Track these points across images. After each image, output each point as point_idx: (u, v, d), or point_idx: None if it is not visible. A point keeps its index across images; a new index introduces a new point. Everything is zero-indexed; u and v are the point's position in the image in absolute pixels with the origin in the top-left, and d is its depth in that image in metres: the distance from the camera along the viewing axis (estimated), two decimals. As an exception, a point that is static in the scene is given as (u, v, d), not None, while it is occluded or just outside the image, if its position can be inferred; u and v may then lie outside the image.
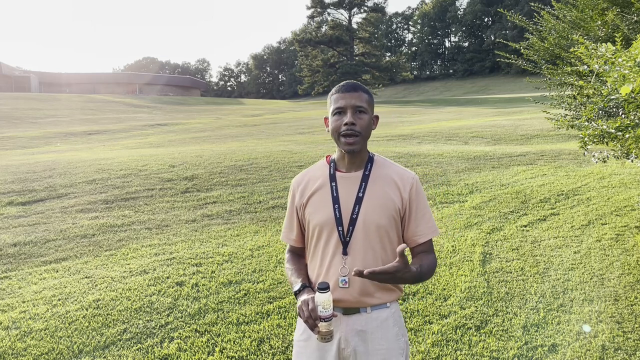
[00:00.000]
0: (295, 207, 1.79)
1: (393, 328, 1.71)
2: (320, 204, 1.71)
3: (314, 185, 1.74)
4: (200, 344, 3.12)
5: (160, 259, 4.54)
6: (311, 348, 1.71)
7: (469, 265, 4.31)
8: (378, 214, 1.66)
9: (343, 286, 1.66)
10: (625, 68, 2.66)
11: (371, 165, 1.72)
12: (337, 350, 1.68)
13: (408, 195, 1.69)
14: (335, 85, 1.72)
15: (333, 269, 1.68)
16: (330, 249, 1.68)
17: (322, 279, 1.69)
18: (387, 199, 1.67)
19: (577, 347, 3.06)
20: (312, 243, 1.74)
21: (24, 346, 3.09)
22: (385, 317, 1.70)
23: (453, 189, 7.04)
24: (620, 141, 3.76)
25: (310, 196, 1.73)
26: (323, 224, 1.69)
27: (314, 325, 1.52)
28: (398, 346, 1.71)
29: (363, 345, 1.67)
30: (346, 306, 1.68)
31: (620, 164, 7.78)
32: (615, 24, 5.12)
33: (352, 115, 1.63)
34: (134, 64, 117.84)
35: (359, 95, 1.65)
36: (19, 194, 6.97)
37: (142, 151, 11.69)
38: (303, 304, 1.55)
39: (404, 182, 1.69)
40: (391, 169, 1.73)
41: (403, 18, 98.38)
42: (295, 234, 1.82)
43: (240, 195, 6.82)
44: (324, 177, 1.74)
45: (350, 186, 1.69)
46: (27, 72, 53.58)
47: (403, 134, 14.22)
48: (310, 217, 1.72)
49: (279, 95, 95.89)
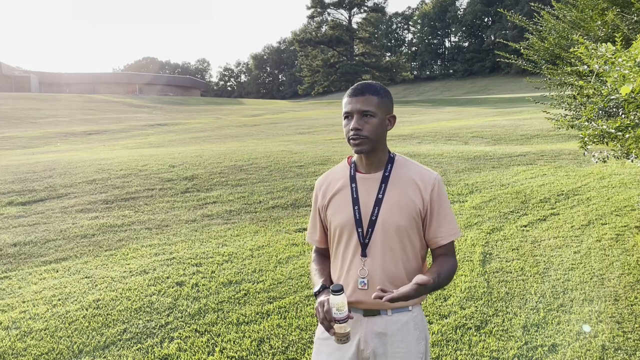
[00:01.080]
0: (317, 208, 1.80)
1: (414, 332, 1.69)
2: (341, 205, 1.71)
3: (335, 187, 1.74)
4: (200, 344, 3.12)
5: (160, 259, 4.54)
6: (331, 347, 1.71)
7: (469, 265, 4.31)
8: (397, 216, 1.64)
9: (362, 288, 1.65)
10: (625, 68, 2.66)
11: (391, 166, 1.70)
12: (357, 351, 1.68)
13: (429, 196, 1.66)
14: (342, 85, 1.71)
15: (353, 270, 1.67)
16: (350, 251, 1.68)
17: (342, 280, 1.69)
18: (407, 200, 1.65)
19: (577, 347, 3.06)
20: (334, 244, 1.75)
21: (24, 346, 3.09)
22: (406, 320, 1.69)
23: (453, 189, 7.04)
24: (620, 141, 3.76)
25: (331, 197, 1.74)
26: (343, 225, 1.69)
27: (329, 327, 1.53)
28: (418, 350, 1.69)
29: (382, 348, 1.67)
30: (366, 308, 1.67)
31: (620, 164, 7.78)
32: (615, 24, 5.12)
33: (358, 120, 1.61)
34: (134, 64, 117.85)
35: (366, 99, 1.62)
36: (19, 194, 6.97)
37: (142, 151, 11.69)
38: (319, 305, 1.56)
39: (425, 182, 1.66)
40: (412, 170, 1.70)
41: (403, 18, 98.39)
42: (318, 235, 1.83)
43: (240, 195, 6.82)
44: (344, 178, 1.74)
45: (370, 187, 1.68)
46: (27, 72, 53.56)
47: (403, 134, 14.22)
48: (332, 219, 1.73)
49: (279, 95, 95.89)
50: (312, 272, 1.81)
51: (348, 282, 1.67)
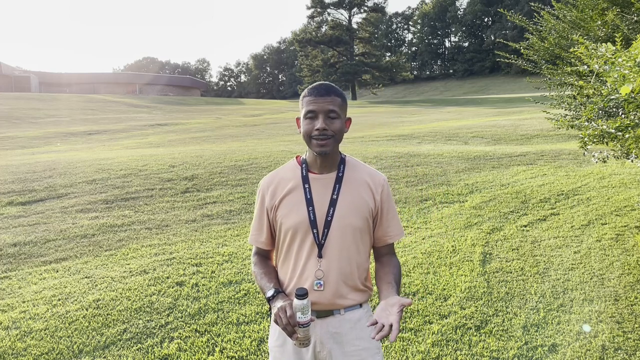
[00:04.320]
0: (265, 208, 1.74)
1: (367, 328, 1.68)
2: (294, 206, 1.68)
3: (286, 187, 1.70)
4: (200, 344, 3.12)
5: (160, 259, 4.54)
6: (288, 353, 1.70)
7: (469, 265, 4.31)
8: (352, 216, 1.66)
9: (318, 289, 1.65)
10: (625, 68, 2.66)
11: (344, 167, 1.71)
12: (313, 353, 1.68)
13: (380, 196, 1.71)
14: (308, 87, 1.71)
15: (307, 271, 1.66)
16: (304, 252, 1.67)
17: (296, 282, 1.67)
18: (361, 201, 1.68)
19: (577, 347, 3.06)
20: (285, 246, 1.71)
21: (24, 346, 3.09)
22: (358, 317, 1.71)
23: (453, 189, 7.04)
24: (620, 141, 3.76)
25: (282, 198, 1.70)
26: (297, 226, 1.66)
27: (292, 332, 1.48)
28: (374, 345, 1.71)
29: (338, 347, 1.68)
30: (320, 309, 1.67)
31: (620, 164, 7.78)
32: (615, 24, 5.12)
33: (324, 120, 1.61)
34: (134, 64, 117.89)
35: (332, 100, 1.62)
36: (19, 194, 6.97)
37: (142, 151, 11.69)
38: (280, 310, 1.50)
39: (376, 183, 1.72)
40: (363, 171, 1.74)
41: (403, 18, 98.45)
42: (265, 236, 1.76)
43: (240, 195, 6.82)
44: (296, 178, 1.71)
45: (324, 188, 1.68)
46: (27, 72, 53.54)
47: (403, 134, 14.22)
48: (283, 220, 1.68)
49: (279, 95, 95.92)
50: (257, 276, 1.74)
51: (302, 283, 1.66)
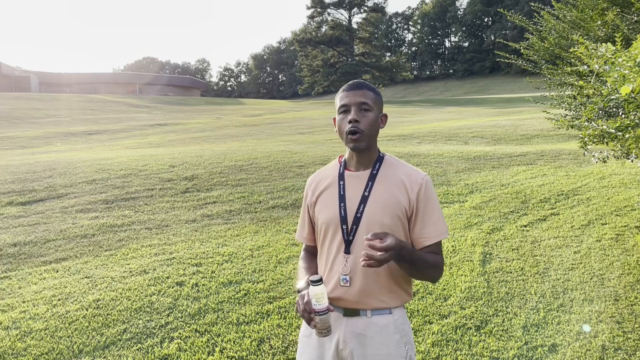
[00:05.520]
0: (307, 205, 1.82)
1: (394, 335, 1.66)
2: (328, 202, 1.72)
3: (324, 184, 1.76)
4: (200, 344, 3.12)
5: (160, 259, 4.54)
6: (312, 345, 1.72)
7: (469, 265, 4.31)
8: (382, 214, 1.64)
9: (344, 285, 1.65)
10: (625, 68, 2.66)
11: (380, 165, 1.71)
12: (336, 349, 1.68)
13: (416, 195, 1.65)
14: (342, 86, 1.73)
15: (336, 267, 1.68)
16: (334, 247, 1.69)
17: (326, 277, 1.70)
18: (393, 199, 1.65)
19: (577, 347, 3.06)
20: (320, 241, 1.76)
21: (24, 346, 3.09)
22: (385, 323, 1.67)
23: (453, 189, 7.04)
24: (620, 141, 3.76)
25: (319, 194, 1.76)
26: (329, 222, 1.70)
27: (309, 319, 1.53)
28: (399, 353, 1.66)
29: (361, 349, 1.66)
30: (346, 306, 1.67)
31: (620, 164, 7.78)
32: (615, 24, 5.12)
33: (356, 112, 1.64)
34: (134, 64, 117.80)
35: (363, 93, 1.66)
36: (19, 194, 6.97)
37: (142, 151, 11.69)
38: (299, 297, 1.57)
39: (412, 182, 1.66)
40: (401, 169, 1.71)
41: (403, 18, 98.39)
42: (307, 232, 1.84)
43: (240, 195, 6.82)
44: (333, 175, 1.76)
45: (357, 185, 1.69)
46: (27, 72, 53.53)
47: (403, 134, 14.22)
48: (319, 215, 1.74)
49: (279, 95, 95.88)
50: (298, 269, 1.82)
51: (331, 278, 1.68)
